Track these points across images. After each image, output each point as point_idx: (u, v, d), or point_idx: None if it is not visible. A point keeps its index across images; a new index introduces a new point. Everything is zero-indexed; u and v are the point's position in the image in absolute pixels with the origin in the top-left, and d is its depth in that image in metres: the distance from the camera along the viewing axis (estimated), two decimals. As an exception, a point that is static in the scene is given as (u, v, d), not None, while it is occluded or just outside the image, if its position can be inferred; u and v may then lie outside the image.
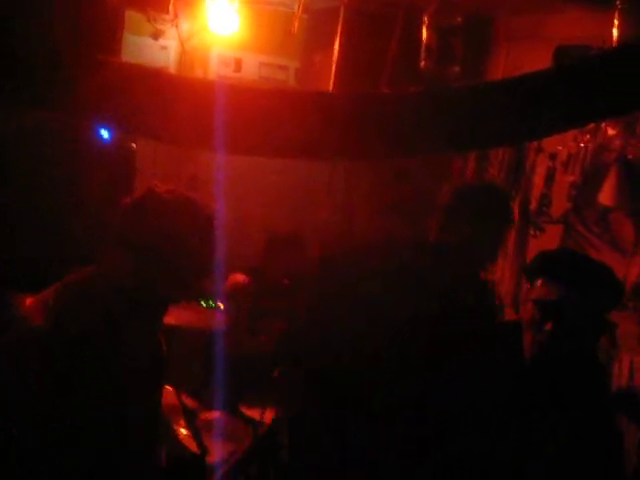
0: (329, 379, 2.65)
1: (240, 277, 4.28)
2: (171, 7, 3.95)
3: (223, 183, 5.20)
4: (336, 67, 4.57)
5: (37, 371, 1.88)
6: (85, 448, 1.93)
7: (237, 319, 4.14)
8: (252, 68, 5.30)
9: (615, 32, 2.67)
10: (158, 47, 4.98)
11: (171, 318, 3.88)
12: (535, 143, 4.06)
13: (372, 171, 4.97)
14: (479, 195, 2.85)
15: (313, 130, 1.58)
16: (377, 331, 2.57)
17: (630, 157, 3.56)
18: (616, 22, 2.73)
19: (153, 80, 1.57)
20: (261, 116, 1.59)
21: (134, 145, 4.17)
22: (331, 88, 4.55)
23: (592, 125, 3.54)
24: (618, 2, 2.69)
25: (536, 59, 4.22)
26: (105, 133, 3.80)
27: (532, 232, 4.18)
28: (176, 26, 4.87)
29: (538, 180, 4.16)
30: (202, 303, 4.72)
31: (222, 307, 4.35)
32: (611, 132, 3.65)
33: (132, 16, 4.33)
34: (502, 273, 4.28)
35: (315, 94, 1.80)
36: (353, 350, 2.59)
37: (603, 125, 3.62)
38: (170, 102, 1.54)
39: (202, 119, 1.53)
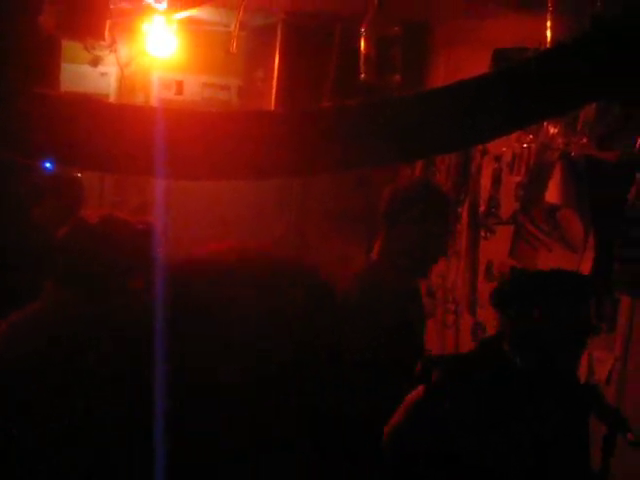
0: None
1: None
2: (107, 33, 3.91)
3: (173, 208, 5.18)
4: (277, 83, 4.57)
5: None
6: (83, 448, 1.91)
7: None
8: (194, 89, 5.28)
9: (548, 33, 2.70)
10: (97, 74, 4.94)
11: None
12: (480, 146, 4.10)
13: (326, 183, 4.98)
14: (416, 195, 2.88)
15: (257, 150, 1.57)
16: None
17: (573, 154, 3.59)
18: (549, 24, 2.77)
19: (92, 111, 1.54)
20: (203, 140, 1.57)
21: (79, 175, 4.11)
22: (273, 104, 4.55)
23: (534, 125, 3.58)
24: (549, 5, 2.73)
25: (475, 63, 4.27)
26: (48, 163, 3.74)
27: (483, 234, 4.22)
28: (114, 52, 4.83)
29: (485, 182, 4.20)
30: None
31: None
32: (553, 131, 3.69)
33: (69, 44, 4.28)
34: (455, 277, 4.31)
35: (257, 113, 1.79)
36: None
37: (545, 124, 3.67)
38: (110, 132, 1.52)
39: (144, 146, 1.51)
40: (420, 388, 2.35)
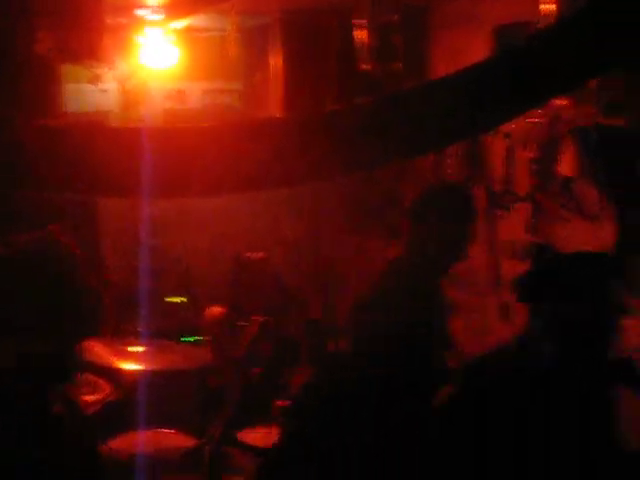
0: None
1: (216, 309, 4.26)
2: (105, 51, 3.90)
3: (191, 218, 5.19)
4: (278, 84, 4.56)
5: None
6: None
7: (218, 351, 4.12)
8: (196, 97, 5.28)
9: (545, 7, 2.68)
10: (98, 91, 4.94)
11: (159, 364, 3.87)
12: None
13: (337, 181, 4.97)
14: (442, 198, 2.93)
15: (263, 161, 1.56)
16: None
17: (582, 124, 3.58)
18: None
19: (89, 139, 1.54)
20: (210, 154, 1.57)
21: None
22: (278, 104, 4.55)
23: (543, 104, 3.56)
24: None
25: (475, 42, 4.24)
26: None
27: (500, 213, 4.19)
28: (113, 68, 4.83)
29: (497, 161, 4.18)
30: (184, 339, 4.69)
31: (204, 341, 4.33)
32: (560, 103, 3.67)
33: (68, 65, 4.29)
34: (477, 259, 4.29)
35: (261, 123, 1.78)
36: None
37: (552, 98, 3.65)
38: (106, 158, 1.51)
39: (143, 168, 1.51)
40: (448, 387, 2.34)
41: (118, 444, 3.32)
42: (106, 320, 2.21)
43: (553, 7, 2.67)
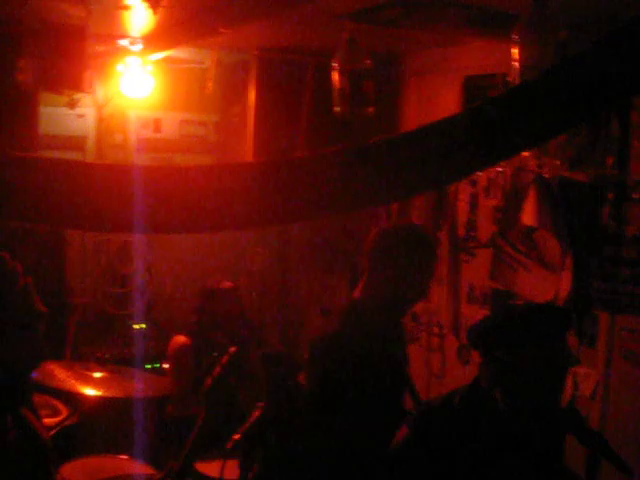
0: None
1: (182, 338, 4.27)
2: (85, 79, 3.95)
3: (155, 244, 5.22)
4: (254, 119, 4.64)
5: None
6: None
7: (181, 380, 4.12)
8: (172, 127, 5.33)
9: (515, 64, 2.78)
10: (75, 116, 4.97)
11: (119, 390, 3.87)
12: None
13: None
14: (401, 239, 2.95)
15: (232, 202, 1.61)
16: None
17: (546, 176, 3.68)
18: (515, 54, 2.85)
19: (69, 172, 1.59)
20: (179, 194, 1.62)
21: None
22: (250, 139, 4.61)
23: (511, 157, 3.67)
24: (514, 35, 2.81)
25: (445, 90, 4.37)
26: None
27: (464, 258, 4.28)
28: (91, 94, 4.87)
29: (463, 206, 4.27)
30: (147, 366, 4.70)
31: (167, 368, 4.34)
32: (526, 154, 3.78)
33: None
34: (439, 301, 4.37)
35: (232, 166, 1.84)
36: None
37: (517, 148, 3.74)
38: (88, 192, 1.56)
39: (122, 204, 1.56)
40: (404, 428, 2.38)
41: (73, 469, 3.32)
42: (67, 343, 2.25)
43: (517, 64, 2.76)
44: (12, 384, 2.17)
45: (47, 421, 3.36)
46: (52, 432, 3.31)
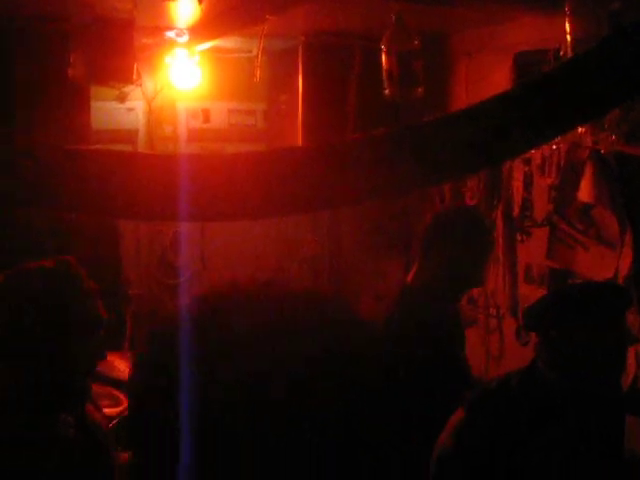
0: None
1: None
2: (135, 68, 3.98)
3: (207, 233, 5.25)
4: (302, 106, 4.62)
5: None
6: None
7: None
8: (221, 117, 5.35)
9: (568, 37, 2.72)
10: (125, 110, 5.02)
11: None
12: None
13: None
14: (455, 223, 2.90)
15: (280, 188, 1.61)
16: None
17: (602, 151, 3.60)
18: (567, 26, 2.79)
19: (119, 163, 1.60)
20: (226, 182, 1.62)
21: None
22: (299, 127, 4.60)
23: (565, 133, 3.59)
24: (566, 8, 2.75)
25: (496, 69, 4.29)
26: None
27: (519, 237, 4.22)
28: (140, 87, 4.91)
29: (517, 186, 4.21)
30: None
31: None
32: (581, 130, 3.70)
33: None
34: (496, 282, 4.32)
35: (280, 152, 1.83)
36: None
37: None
38: (138, 182, 1.57)
39: (170, 193, 1.56)
40: (459, 411, 2.35)
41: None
42: (125, 334, 2.27)
43: (570, 37, 2.70)
44: (73, 386, 2.20)
45: (108, 411, 3.40)
46: (114, 422, 3.36)
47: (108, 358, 3.83)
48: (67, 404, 2.17)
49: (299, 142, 4.65)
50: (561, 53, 3.31)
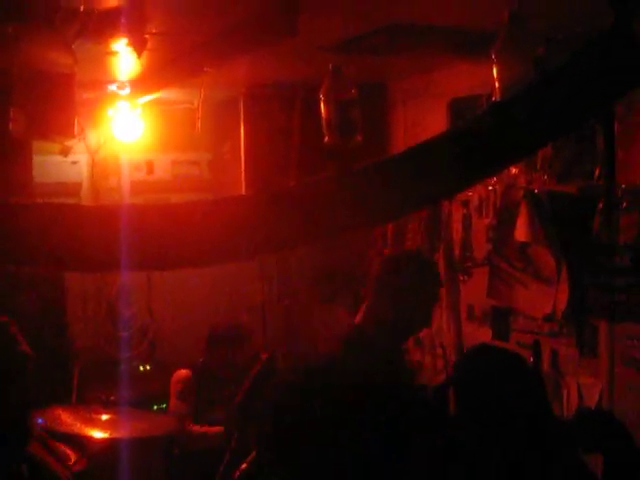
0: None
1: (183, 372, 4.30)
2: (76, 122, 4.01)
3: (156, 286, 5.25)
4: (245, 155, 4.69)
5: None
6: None
7: (182, 414, 4.14)
8: (165, 168, 5.38)
9: (496, 83, 2.83)
10: (68, 163, 5.02)
11: (125, 431, 3.87)
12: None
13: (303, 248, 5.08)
14: (406, 266, 2.96)
15: (226, 235, 1.65)
16: None
17: (536, 191, 3.72)
18: (495, 73, 2.90)
19: (62, 217, 1.63)
20: (172, 230, 1.66)
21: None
22: (243, 176, 4.66)
23: (495, 175, 3.71)
24: (493, 55, 2.86)
25: (432, 114, 4.43)
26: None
27: (461, 277, 4.31)
28: (83, 140, 4.93)
29: (457, 227, 4.31)
30: (154, 407, 4.70)
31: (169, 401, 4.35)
32: (515, 171, 3.83)
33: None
34: (440, 322, 4.39)
35: (221, 201, 1.88)
36: None
37: (506, 166, 3.79)
38: (80, 234, 1.60)
39: (113, 243, 1.59)
40: None
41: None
42: (73, 388, 2.29)
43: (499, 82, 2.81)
44: (12, 429, 2.21)
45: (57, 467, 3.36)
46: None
47: (55, 412, 3.81)
48: (12, 450, 2.17)
49: (243, 191, 4.70)
50: (493, 98, 3.44)
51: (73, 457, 3.69)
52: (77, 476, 3.58)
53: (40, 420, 3.01)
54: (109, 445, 3.71)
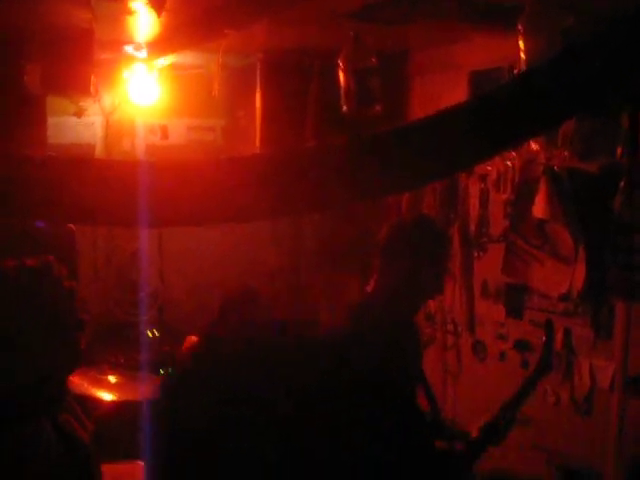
0: None
1: (194, 338, 4.28)
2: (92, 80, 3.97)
3: (167, 250, 5.23)
4: (260, 122, 4.65)
5: None
6: None
7: None
8: (179, 133, 5.34)
9: (522, 55, 2.77)
10: (83, 124, 5.00)
11: (136, 393, 3.88)
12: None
13: (317, 217, 5.05)
14: (414, 232, 2.91)
15: (244, 194, 1.61)
16: None
17: (556, 168, 3.66)
18: (520, 44, 2.84)
19: (77, 170, 1.59)
20: (188, 187, 1.62)
21: (72, 226, 4.15)
22: (257, 142, 4.62)
23: (516, 147, 3.66)
24: (519, 26, 2.80)
25: (450, 87, 4.36)
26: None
27: (476, 253, 4.27)
28: (98, 101, 4.89)
29: (473, 202, 4.26)
30: (161, 371, 4.69)
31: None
32: (535, 147, 3.77)
33: (53, 97, 4.34)
34: (453, 298, 4.36)
35: (239, 159, 1.83)
36: None
37: (526, 141, 3.73)
38: (96, 188, 1.56)
39: (130, 198, 1.56)
40: None
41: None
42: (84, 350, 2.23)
43: (524, 55, 2.76)
44: (48, 390, 2.14)
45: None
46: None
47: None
48: (44, 410, 2.11)
49: (258, 158, 4.66)
50: (515, 71, 3.37)
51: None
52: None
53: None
54: (116, 407, 3.71)
